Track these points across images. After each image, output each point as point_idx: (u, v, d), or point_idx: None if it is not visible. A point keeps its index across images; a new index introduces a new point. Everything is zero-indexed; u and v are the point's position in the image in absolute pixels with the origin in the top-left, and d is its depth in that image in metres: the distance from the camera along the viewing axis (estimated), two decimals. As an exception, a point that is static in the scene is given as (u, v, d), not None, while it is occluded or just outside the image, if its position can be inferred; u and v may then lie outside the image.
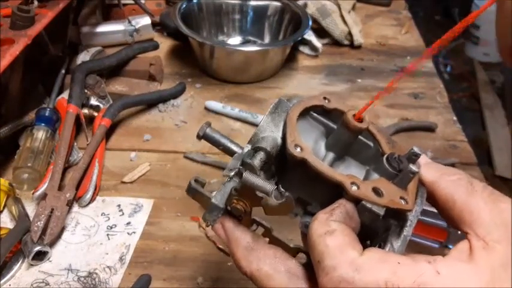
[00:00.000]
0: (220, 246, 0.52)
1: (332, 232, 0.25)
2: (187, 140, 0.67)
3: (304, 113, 0.31)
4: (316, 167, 0.28)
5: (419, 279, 0.23)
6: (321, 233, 0.25)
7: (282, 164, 0.30)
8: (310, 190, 0.30)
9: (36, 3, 0.61)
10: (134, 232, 0.54)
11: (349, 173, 0.28)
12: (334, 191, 0.28)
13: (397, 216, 0.28)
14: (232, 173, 0.29)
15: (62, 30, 0.76)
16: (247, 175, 0.28)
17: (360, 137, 0.31)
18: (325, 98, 0.32)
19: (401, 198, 0.27)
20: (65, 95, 0.65)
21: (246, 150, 0.31)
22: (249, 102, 0.76)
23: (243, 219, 0.31)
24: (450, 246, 0.51)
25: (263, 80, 0.81)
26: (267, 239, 0.32)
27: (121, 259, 0.50)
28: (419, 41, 0.94)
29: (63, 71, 0.72)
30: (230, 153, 0.33)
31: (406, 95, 0.78)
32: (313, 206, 0.30)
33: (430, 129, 0.70)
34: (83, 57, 0.73)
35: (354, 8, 0.98)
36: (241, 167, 0.28)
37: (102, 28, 0.84)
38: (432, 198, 0.28)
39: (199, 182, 0.32)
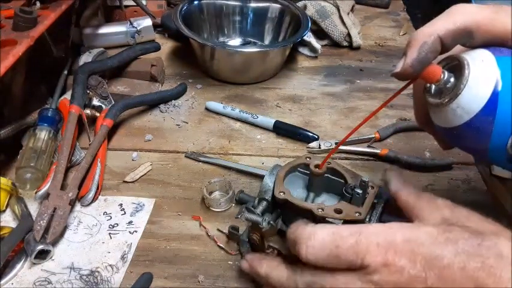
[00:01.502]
0: (221, 245, 0.52)
1: (298, 226, 0.37)
2: (188, 140, 0.68)
3: (293, 170, 0.46)
4: (294, 202, 0.42)
5: (354, 230, 0.34)
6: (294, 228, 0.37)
7: (281, 207, 0.45)
8: (297, 219, 0.41)
9: (38, 4, 0.61)
10: (136, 231, 0.54)
11: (324, 203, 0.43)
12: (311, 218, 0.40)
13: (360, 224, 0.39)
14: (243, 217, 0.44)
15: (64, 31, 0.76)
16: (247, 215, 0.43)
17: (332, 177, 0.44)
18: (307, 158, 0.46)
19: (356, 212, 0.40)
20: (68, 95, 0.65)
21: (255, 201, 0.45)
22: (249, 103, 0.76)
23: (260, 245, 0.46)
24: None
25: (263, 81, 0.82)
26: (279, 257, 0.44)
27: (123, 257, 0.51)
28: (418, 42, 0.94)
29: (65, 72, 0.73)
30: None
31: (405, 95, 0.77)
32: None
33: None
34: (85, 58, 0.73)
35: (352, 9, 0.99)
36: (247, 212, 0.44)
37: (104, 29, 0.84)
38: (397, 202, 0.40)
39: (234, 228, 0.51)
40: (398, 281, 0.32)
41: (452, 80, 0.35)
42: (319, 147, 0.67)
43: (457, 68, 0.35)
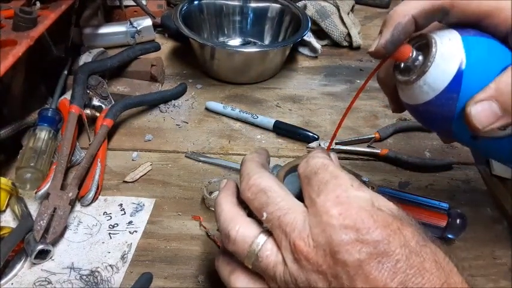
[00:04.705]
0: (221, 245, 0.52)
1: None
2: (188, 140, 0.68)
3: (293, 170, 0.43)
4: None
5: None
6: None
7: None
8: None
9: (38, 4, 0.61)
10: (136, 231, 0.54)
11: None
12: None
13: None
14: None
15: (64, 31, 0.76)
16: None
17: None
18: None
19: None
20: (68, 95, 0.65)
21: None
22: (249, 103, 0.76)
23: None
24: (450, 236, 0.52)
25: (263, 81, 0.82)
26: None
27: (123, 257, 0.51)
28: (418, 42, 0.95)
29: (65, 72, 0.73)
30: None
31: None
32: None
33: (427, 129, 0.71)
34: (85, 58, 0.73)
35: (352, 9, 0.99)
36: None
37: (104, 29, 0.84)
38: None
39: None
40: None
41: (420, 58, 0.36)
42: (319, 147, 0.67)
43: (425, 46, 0.36)
